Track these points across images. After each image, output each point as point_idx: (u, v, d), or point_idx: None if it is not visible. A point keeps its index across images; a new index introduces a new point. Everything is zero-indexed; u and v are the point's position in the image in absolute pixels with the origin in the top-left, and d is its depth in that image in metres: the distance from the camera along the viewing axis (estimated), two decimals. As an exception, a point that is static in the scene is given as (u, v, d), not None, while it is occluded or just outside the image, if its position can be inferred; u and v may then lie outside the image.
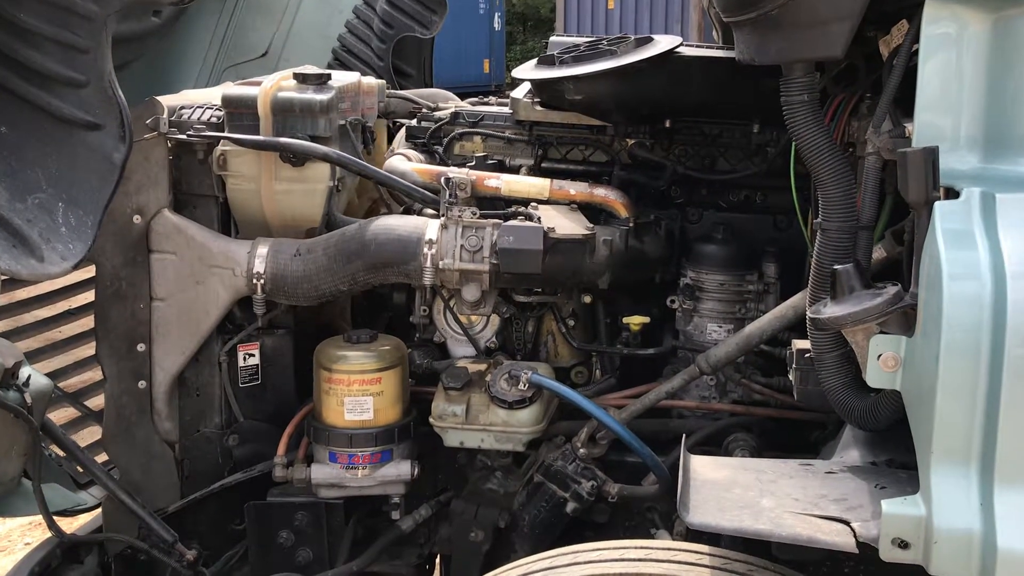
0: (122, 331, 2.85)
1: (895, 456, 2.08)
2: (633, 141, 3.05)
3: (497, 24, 19.27)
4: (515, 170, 3.11)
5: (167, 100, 2.89)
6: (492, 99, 3.76)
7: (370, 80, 3.19)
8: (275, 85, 2.78)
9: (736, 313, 2.86)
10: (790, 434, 2.85)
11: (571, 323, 2.95)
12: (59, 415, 3.31)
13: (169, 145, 2.81)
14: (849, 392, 2.01)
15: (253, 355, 3.00)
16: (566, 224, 2.67)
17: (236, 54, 4.85)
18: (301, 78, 2.81)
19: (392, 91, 3.68)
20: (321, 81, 2.80)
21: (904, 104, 2.02)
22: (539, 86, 2.94)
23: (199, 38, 4.68)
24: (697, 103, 2.89)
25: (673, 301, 2.93)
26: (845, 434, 2.22)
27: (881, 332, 1.77)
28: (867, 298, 1.78)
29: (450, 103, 3.66)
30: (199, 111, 2.88)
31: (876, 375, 1.78)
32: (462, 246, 2.61)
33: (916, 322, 1.73)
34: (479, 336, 2.95)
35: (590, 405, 2.54)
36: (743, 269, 2.86)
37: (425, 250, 2.61)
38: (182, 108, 2.89)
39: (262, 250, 2.75)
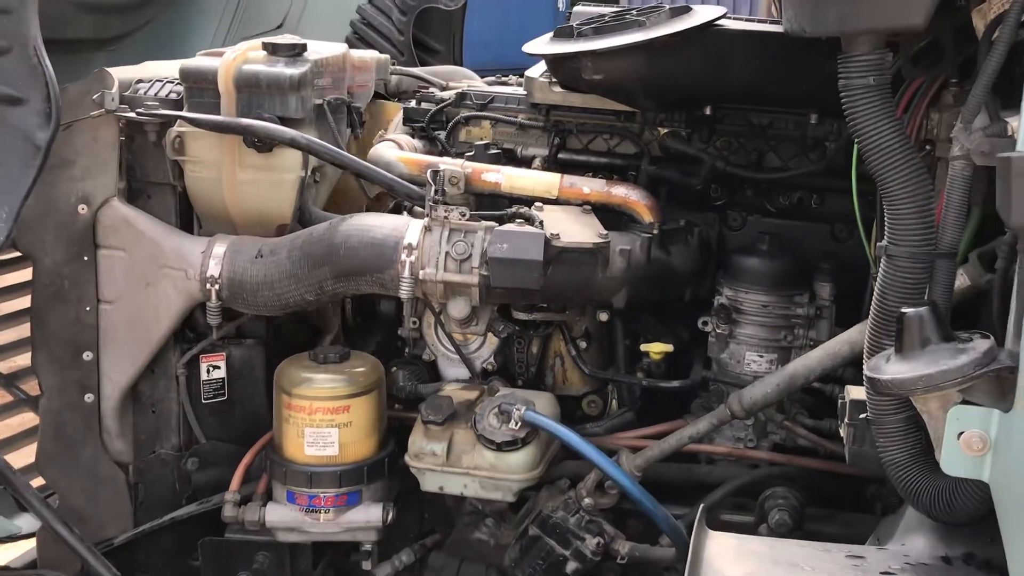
0: (64, 337, 2.48)
1: (975, 549, 1.61)
2: (666, 131, 2.57)
3: (562, 4, 18.69)
4: (527, 161, 2.66)
5: (122, 72, 2.50)
6: (513, 79, 3.31)
7: (364, 53, 2.77)
8: (240, 56, 2.37)
9: (781, 341, 2.39)
10: (841, 485, 2.37)
11: (583, 345, 2.50)
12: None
13: (120, 125, 2.42)
14: (916, 470, 1.53)
15: (218, 367, 2.61)
16: (574, 230, 2.21)
17: (249, 26, 4.47)
18: (271, 48, 2.39)
19: (398, 67, 3.25)
20: (295, 52, 2.38)
21: (1005, 93, 1.53)
22: (554, 63, 2.48)
23: (209, 8, 4.31)
24: (742, 87, 2.40)
25: (705, 323, 2.46)
26: (909, 510, 1.74)
27: (964, 402, 1.30)
28: (946, 355, 1.31)
29: (464, 83, 3.22)
30: (157, 86, 2.49)
31: (955, 460, 1.32)
32: (447, 253, 2.17)
33: (1015, 392, 1.26)
34: (474, 356, 2.52)
35: (593, 453, 2.09)
36: (792, 288, 2.38)
37: (403, 256, 2.18)
38: (138, 82, 2.50)
39: (219, 249, 2.35)
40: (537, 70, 2.75)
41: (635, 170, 2.60)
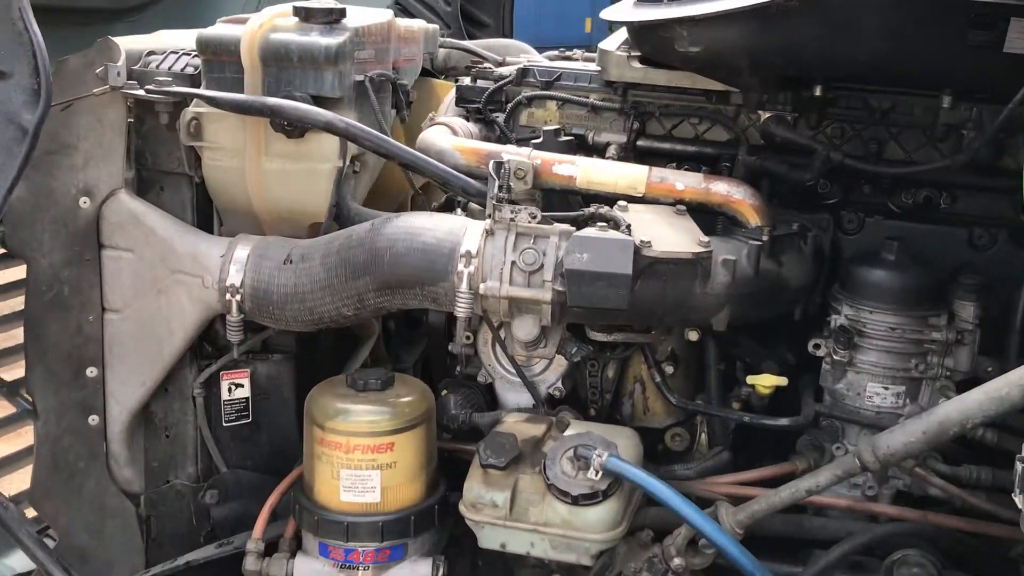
0: (64, 350, 2.14)
1: None
2: (769, 114, 2.16)
3: (626, -27, 18.02)
4: (600, 149, 2.28)
5: (131, 43, 2.14)
6: (578, 53, 2.90)
7: (412, 23, 2.38)
8: (267, 24, 1.99)
9: (911, 371, 1.98)
10: (978, 542, 1.97)
11: (669, 370, 2.11)
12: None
13: (129, 104, 2.05)
14: None
15: (241, 385, 2.26)
16: (669, 235, 1.82)
17: (284, -6, 4.10)
18: (304, 14, 2.01)
19: (447, 40, 2.86)
20: (332, 19, 2.00)
21: None
22: (639, 32, 2.07)
23: (237, -29, 3.96)
24: (867, 62, 1.97)
25: (817, 346, 2.05)
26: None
27: None
28: None
29: (521, 57, 2.82)
30: (171, 58, 2.12)
31: None
32: (513, 263, 1.79)
33: None
34: (538, 379, 2.14)
35: (689, 510, 1.70)
36: (926, 307, 1.98)
37: (460, 267, 1.79)
38: (149, 54, 2.13)
39: (241, 253, 1.98)
40: (613, 42, 2.35)
41: (729, 160, 2.20)
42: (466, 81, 2.38)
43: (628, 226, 1.79)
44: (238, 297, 1.96)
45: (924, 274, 1.99)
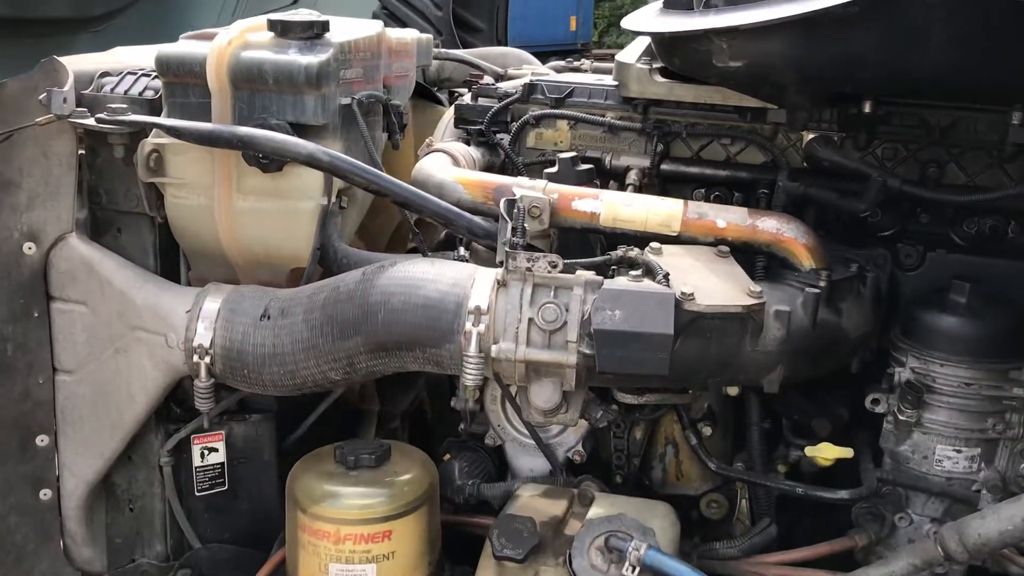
0: (9, 417, 1.86)
1: None
2: (812, 134, 1.89)
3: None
4: (619, 175, 2.01)
5: (82, 62, 1.86)
6: (585, 62, 2.64)
7: (404, 34, 2.10)
8: (237, 40, 1.71)
9: (988, 431, 1.72)
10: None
11: (706, 431, 1.84)
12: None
13: (79, 134, 1.77)
14: None
15: (215, 449, 1.99)
16: (713, 284, 1.55)
17: (262, 1, 3.84)
18: (280, 28, 1.73)
19: (443, 50, 2.59)
20: (312, 33, 1.72)
21: None
22: (668, 45, 1.80)
23: (214, -21, 3.69)
24: (932, 74, 1.70)
25: (876, 401, 1.78)
26: None
27: None
28: None
29: (524, 68, 2.55)
30: (128, 80, 1.84)
31: None
32: (531, 321, 1.51)
33: None
34: (555, 442, 1.87)
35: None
36: (1004, 358, 1.71)
37: (468, 325, 1.52)
38: (103, 76, 1.85)
39: (210, 307, 1.70)
40: (631, 53, 2.08)
41: (767, 187, 1.93)
42: (465, 99, 2.10)
43: (666, 275, 1.52)
44: (207, 359, 1.68)
45: (1001, 320, 1.72)
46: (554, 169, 1.81)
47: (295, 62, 1.67)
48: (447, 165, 1.80)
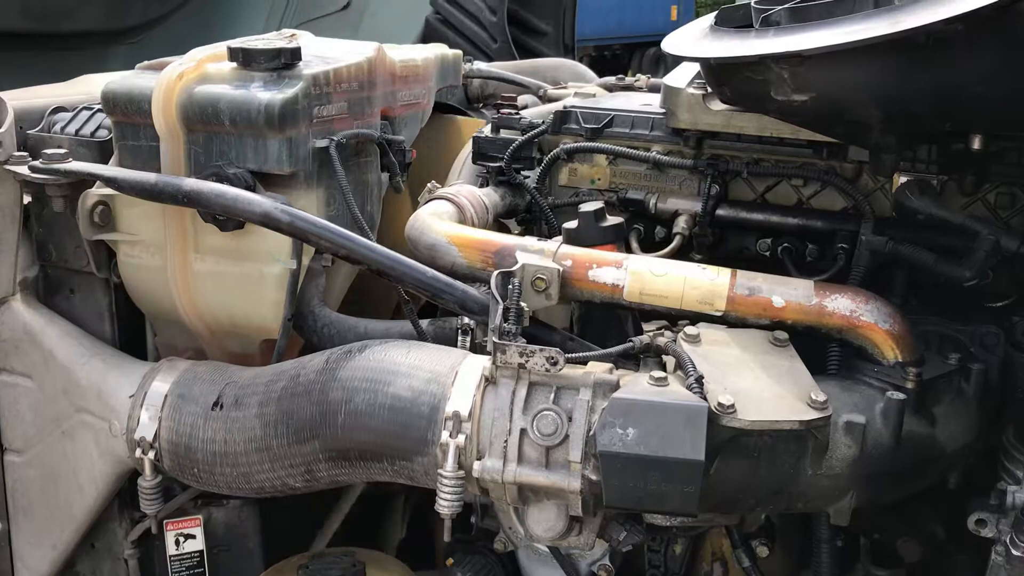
0: (-44, 501, 1.63)
1: None
2: (906, 177, 1.51)
3: (704, -41, 16.88)
4: (667, 220, 1.67)
5: (38, 95, 1.62)
6: (641, 79, 2.29)
7: (415, 53, 1.79)
8: (191, 72, 1.43)
9: None
10: None
11: (763, 551, 1.47)
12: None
13: (18, 181, 1.52)
14: None
15: (193, 537, 1.73)
16: (763, 389, 1.19)
17: (310, 5, 3.60)
18: (242, 57, 1.44)
19: (477, 67, 2.27)
20: (279, 63, 1.43)
21: None
22: (717, 72, 1.45)
23: (258, -12, 3.47)
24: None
25: (982, 523, 1.38)
26: None
27: None
28: None
29: (574, 85, 2.22)
30: (83, 116, 1.58)
31: None
32: (524, 432, 1.18)
33: None
34: (578, 554, 1.53)
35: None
36: None
37: (444, 435, 1.20)
38: (56, 111, 1.60)
39: (158, 390, 1.43)
40: (682, 76, 1.72)
41: (847, 240, 1.56)
42: (486, 131, 1.78)
43: (699, 378, 1.17)
44: (152, 454, 1.41)
45: None
46: (573, 224, 1.47)
47: (253, 99, 1.38)
48: (445, 219, 1.49)
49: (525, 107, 2.08)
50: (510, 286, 1.25)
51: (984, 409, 1.39)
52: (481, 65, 2.39)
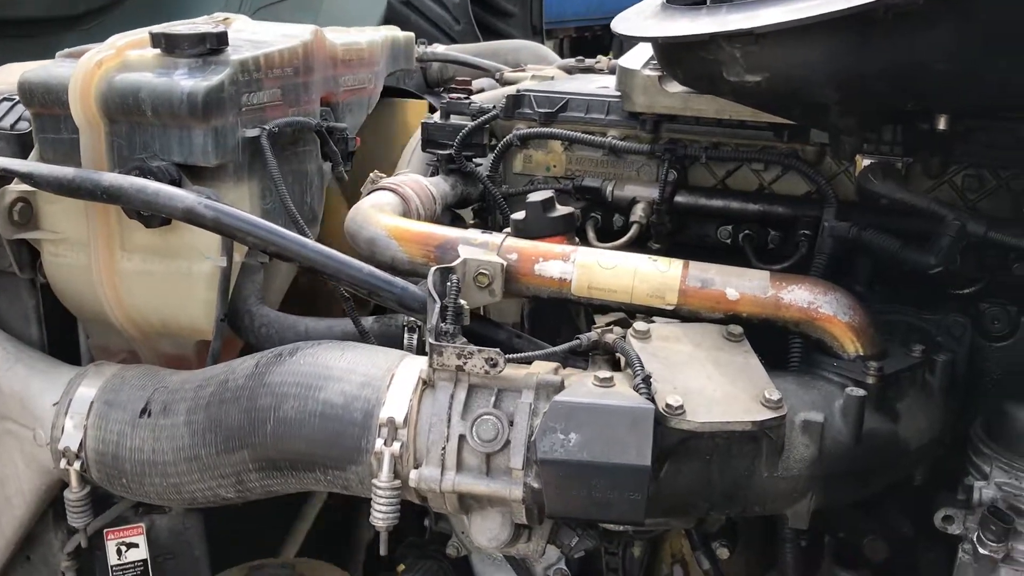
0: None
1: None
2: (869, 159, 1.45)
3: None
4: (624, 208, 1.59)
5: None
6: (603, 60, 2.21)
7: (360, 37, 1.71)
8: (111, 59, 1.35)
9: (1106, 573, 1.25)
10: None
11: (724, 553, 1.42)
12: None
13: (-63, 176, 1.44)
14: None
15: (136, 545, 1.65)
16: (715, 387, 1.13)
17: (271, -10, 3.49)
18: (164, 42, 1.35)
19: (431, 51, 2.19)
20: (204, 49, 1.34)
21: None
22: (668, 53, 1.37)
23: (217, -34, 3.35)
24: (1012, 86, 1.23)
25: (949, 519, 1.33)
26: None
27: None
28: None
29: (528, 72, 2.14)
30: (3, 109, 1.50)
31: None
32: (462, 438, 1.11)
33: None
34: (535, 559, 1.47)
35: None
36: None
37: (378, 444, 1.13)
38: (-25, 102, 1.51)
39: (83, 396, 1.36)
40: (638, 58, 1.65)
41: (809, 227, 1.49)
42: (435, 117, 1.70)
43: (646, 377, 1.10)
44: (78, 464, 1.33)
45: None
46: (521, 215, 1.40)
47: (176, 87, 1.30)
48: (387, 211, 1.41)
49: (481, 90, 2.01)
50: (448, 283, 1.18)
51: (950, 402, 1.33)
52: (438, 48, 2.31)
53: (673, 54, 1.35)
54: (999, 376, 1.42)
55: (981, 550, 1.29)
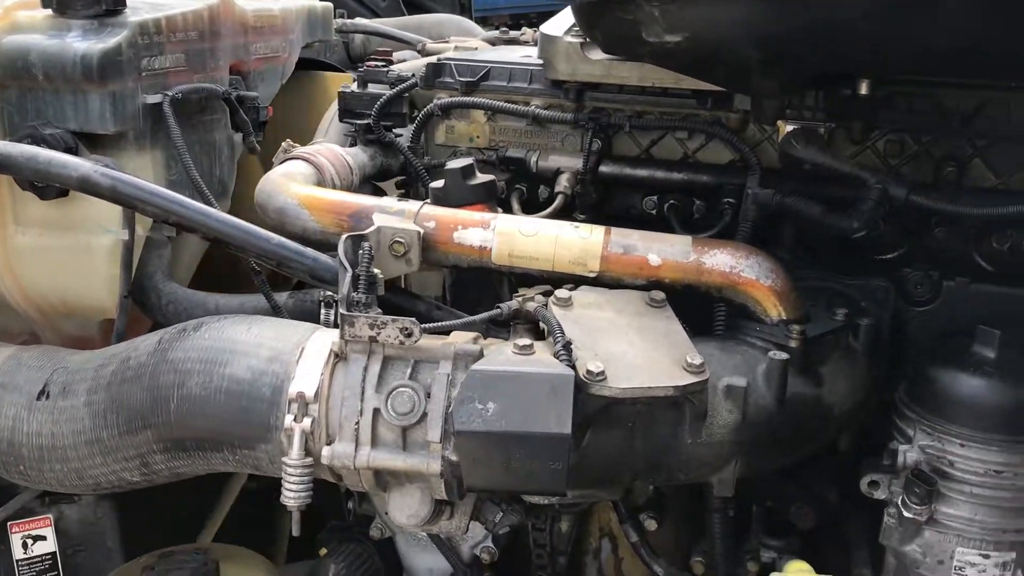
0: None
1: None
2: (791, 125, 1.44)
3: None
4: (548, 179, 1.56)
5: None
6: (528, 31, 2.17)
7: (271, 4, 1.64)
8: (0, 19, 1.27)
9: (1026, 532, 1.26)
10: None
11: (651, 525, 1.39)
12: None
13: None
14: None
15: (44, 538, 1.58)
16: (636, 353, 1.10)
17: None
18: (56, 3, 1.28)
19: (351, 22, 2.13)
20: (100, 10, 1.27)
21: None
22: (587, 14, 1.33)
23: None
24: (949, 43, 1.22)
25: (874, 484, 1.33)
26: None
27: None
28: None
29: (451, 43, 2.09)
30: None
31: None
32: (377, 412, 1.07)
33: None
34: (459, 538, 1.43)
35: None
36: (1048, 434, 1.25)
37: (288, 420, 1.08)
38: None
39: (-23, 379, 1.27)
40: (560, 25, 1.62)
41: (733, 195, 1.48)
42: (352, 86, 1.64)
43: (567, 344, 1.07)
44: (-30, 452, 1.25)
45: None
46: (440, 183, 1.35)
47: (69, 50, 1.23)
48: (298, 180, 1.35)
49: (403, 62, 1.95)
50: (361, 251, 1.13)
51: (875, 366, 1.32)
52: (360, 20, 2.24)
53: (592, 15, 1.32)
54: (922, 341, 1.42)
55: (906, 513, 1.30)
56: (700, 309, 1.31)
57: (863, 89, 1.38)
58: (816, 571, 1.26)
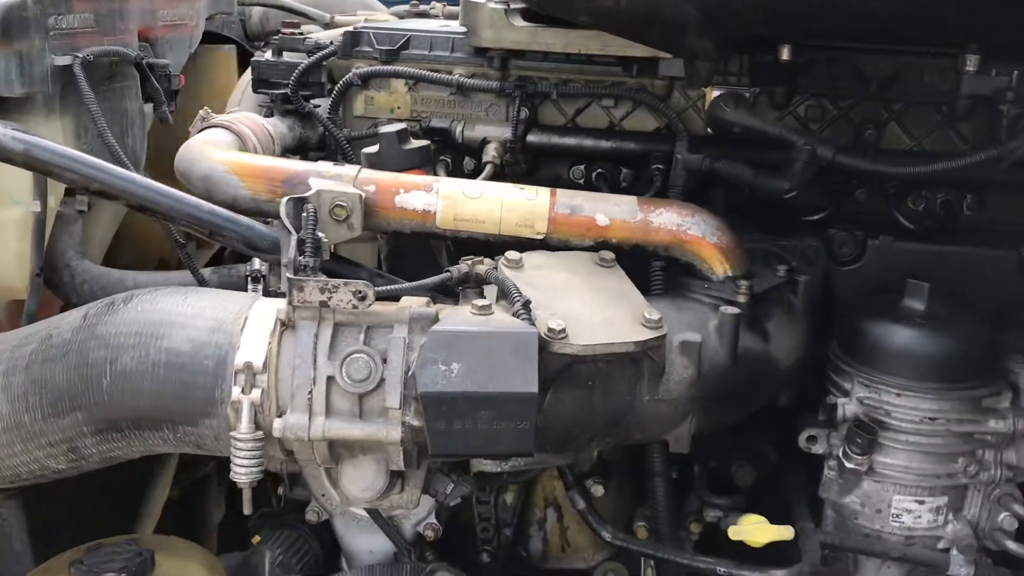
0: None
1: None
2: (717, 91, 1.45)
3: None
4: (475, 149, 1.54)
5: None
6: (436, 5, 2.13)
7: (177, -32, 1.56)
8: None
9: (957, 476, 1.33)
10: None
11: (597, 490, 1.39)
12: None
13: None
14: None
15: (-57, 546, 1.45)
16: (595, 312, 1.09)
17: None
18: (-50, -46, 1.17)
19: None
20: (1, -39, 1.17)
21: None
22: (521, -27, 1.31)
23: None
24: (866, 9, 1.25)
25: (813, 439, 1.36)
26: None
27: None
28: None
29: (359, 16, 2.04)
30: None
31: None
32: (331, 379, 1.02)
33: None
34: (401, 515, 1.39)
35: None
36: (976, 381, 1.30)
37: (235, 392, 1.02)
38: None
39: None
40: (483, -12, 1.59)
41: (662, 161, 1.48)
42: (265, 54, 1.57)
43: (526, 303, 1.04)
44: None
45: (972, 331, 1.31)
46: (374, 149, 1.31)
47: (-32, 4, 1.12)
48: (222, 146, 1.28)
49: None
50: (304, 213, 1.08)
51: (812, 323, 1.35)
52: (260, -6, 2.16)
53: (527, -25, 1.30)
54: (850, 299, 1.46)
55: (847, 464, 1.33)
56: (633, 272, 1.31)
57: (785, 55, 1.40)
58: (762, 526, 1.28)
